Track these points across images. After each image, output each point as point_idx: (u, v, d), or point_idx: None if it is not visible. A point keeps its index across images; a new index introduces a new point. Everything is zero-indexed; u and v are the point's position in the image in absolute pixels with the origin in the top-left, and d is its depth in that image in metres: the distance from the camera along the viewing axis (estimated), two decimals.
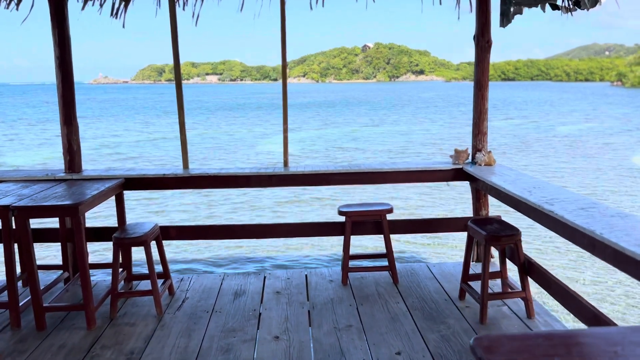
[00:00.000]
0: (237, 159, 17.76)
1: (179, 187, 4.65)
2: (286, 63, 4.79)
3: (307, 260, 6.99)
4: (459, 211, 9.42)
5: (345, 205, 4.51)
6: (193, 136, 25.42)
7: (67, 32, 4.45)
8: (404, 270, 4.76)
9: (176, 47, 4.67)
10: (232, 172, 4.62)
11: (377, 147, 20.61)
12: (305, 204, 10.42)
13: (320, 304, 4.07)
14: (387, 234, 4.43)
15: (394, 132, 26.60)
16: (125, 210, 4.56)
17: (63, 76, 4.47)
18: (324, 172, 4.66)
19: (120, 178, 4.50)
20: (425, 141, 22.20)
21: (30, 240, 3.65)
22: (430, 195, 10.96)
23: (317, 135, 25.33)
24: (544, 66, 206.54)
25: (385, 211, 4.39)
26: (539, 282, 3.68)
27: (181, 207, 10.35)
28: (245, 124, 33.12)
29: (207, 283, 4.59)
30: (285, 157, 4.89)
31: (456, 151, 4.79)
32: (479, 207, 4.83)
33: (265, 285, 4.51)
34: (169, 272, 4.34)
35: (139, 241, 3.92)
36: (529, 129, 26.34)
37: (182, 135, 4.84)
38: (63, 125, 4.57)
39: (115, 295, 3.95)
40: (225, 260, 7.07)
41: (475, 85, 4.77)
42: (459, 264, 4.91)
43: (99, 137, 25.79)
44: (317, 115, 40.29)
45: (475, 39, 4.70)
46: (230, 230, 4.81)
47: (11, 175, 4.55)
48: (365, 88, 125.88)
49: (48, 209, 3.59)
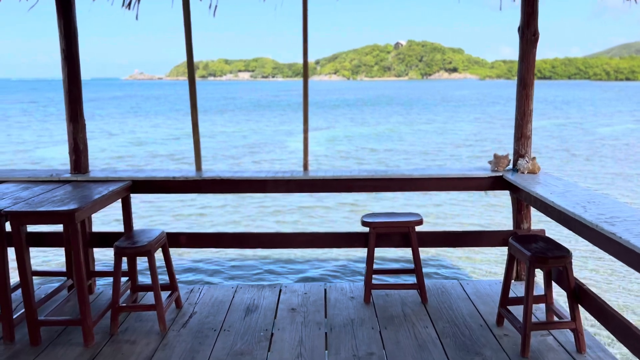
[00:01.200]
0: (264, 158, 17.43)
1: (189, 191, 4.30)
2: (307, 59, 4.39)
3: (327, 271, 6.54)
4: (498, 223, 8.74)
5: (369, 215, 4.08)
6: (218, 134, 25.31)
7: (74, 23, 4.15)
8: (434, 288, 4.30)
9: (189, 42, 4.32)
10: (246, 176, 4.24)
11: (410, 148, 19.82)
12: (327, 210, 9.87)
13: (339, 326, 3.66)
14: (416, 247, 3.98)
15: (428, 131, 25.79)
16: (132, 215, 4.24)
17: (69, 70, 4.17)
18: (346, 178, 4.23)
19: (127, 180, 4.18)
20: (461, 142, 21.18)
21: (23, 247, 3.35)
22: (466, 204, 10.17)
23: (346, 135, 24.79)
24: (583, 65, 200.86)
25: (414, 223, 3.94)
26: (592, 313, 3.17)
27: (196, 209, 9.95)
28: (273, 122, 32.85)
29: (218, 295, 4.23)
30: (305, 159, 4.49)
31: (495, 157, 4.30)
32: (520, 219, 4.33)
33: (280, 300, 4.12)
34: (176, 283, 4.00)
35: (142, 251, 3.58)
36: (570, 131, 25.23)
37: (195, 134, 4.50)
38: (69, 122, 4.27)
39: (116, 309, 3.62)
40: (240, 268, 6.69)
41: (518, 83, 4.27)
42: (496, 282, 4.42)
43: (127, 133, 25.92)
44: (347, 114, 39.71)
45: (519, 31, 4.20)
46: (244, 239, 4.44)
47: (15, 175, 4.28)
48: (397, 85, 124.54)
49: (42, 214, 3.29)
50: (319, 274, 6.43)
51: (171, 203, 10.31)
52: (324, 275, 6.34)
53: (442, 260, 6.66)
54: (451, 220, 9.09)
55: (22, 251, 3.36)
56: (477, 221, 8.97)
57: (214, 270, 6.57)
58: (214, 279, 6.36)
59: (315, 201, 10.34)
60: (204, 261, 6.90)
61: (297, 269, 6.56)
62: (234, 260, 6.90)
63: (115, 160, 17.15)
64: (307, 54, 4.38)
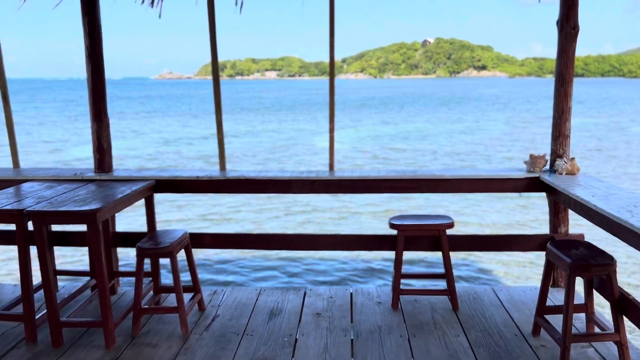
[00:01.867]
0: (289, 158, 17.34)
1: (213, 190, 4.22)
2: (334, 55, 4.25)
3: (352, 273, 6.37)
4: (533, 226, 8.40)
5: (398, 217, 3.92)
6: (244, 133, 25.39)
7: (98, 21, 4.10)
8: (465, 294, 4.11)
9: (214, 41, 4.23)
10: (271, 175, 4.13)
11: (438, 148, 19.33)
12: (352, 211, 9.67)
13: (366, 333, 3.51)
14: (447, 252, 3.81)
15: (456, 131, 25.25)
16: (155, 215, 4.17)
17: (93, 68, 4.13)
18: (374, 178, 4.08)
19: (150, 180, 4.12)
20: (492, 142, 20.59)
21: (45, 247, 3.31)
22: (499, 206, 9.80)
23: (372, 134, 24.52)
24: (617, 62, 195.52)
25: (445, 226, 3.77)
26: (638, 325, 2.96)
27: (220, 208, 9.89)
28: (298, 121, 32.78)
29: (241, 298, 4.14)
30: (331, 159, 4.36)
31: (532, 157, 4.09)
32: (558, 223, 4.11)
33: (305, 304, 4.00)
34: (199, 285, 3.92)
35: (164, 252, 3.51)
36: (605, 130, 24.44)
37: (219, 134, 4.41)
38: (93, 121, 4.23)
39: (138, 311, 3.56)
40: (264, 268, 6.58)
41: (557, 80, 4.05)
42: (530, 288, 4.21)
43: (155, 132, 26.21)
44: (373, 112, 39.37)
45: (558, 25, 3.98)
46: (268, 240, 4.33)
47: (39, 173, 4.27)
48: (424, 84, 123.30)
49: (63, 214, 3.23)
50: (343, 274, 6.29)
51: (195, 201, 10.30)
52: (349, 277, 6.19)
53: (471, 264, 6.43)
54: (482, 221, 8.79)
55: (44, 251, 3.32)
56: (508, 223, 8.66)
57: (237, 271, 6.49)
58: (237, 278, 6.29)
59: (340, 201, 10.18)
60: (228, 261, 6.83)
61: (321, 270, 6.43)
62: (257, 260, 6.82)
63: (142, 160, 17.32)
64: (334, 51, 4.24)
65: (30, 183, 4.05)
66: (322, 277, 6.29)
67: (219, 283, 6.14)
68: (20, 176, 4.20)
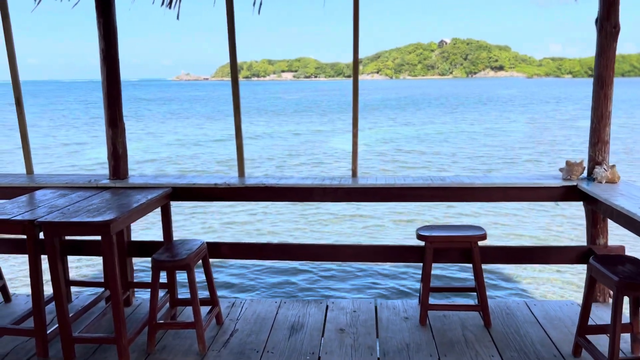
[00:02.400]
0: (307, 161, 17.15)
1: (231, 198, 4.04)
2: (358, 57, 4.05)
3: (376, 283, 6.14)
4: (568, 236, 8.02)
5: (426, 228, 3.71)
6: (262, 135, 25.29)
7: (113, 22, 3.96)
8: (497, 309, 3.88)
9: (233, 42, 4.07)
10: (291, 183, 3.95)
11: (458, 150, 18.78)
12: (374, 216, 9.37)
13: (393, 351, 3.31)
14: (479, 265, 3.59)
15: (476, 133, 24.71)
16: (171, 223, 4.02)
17: (108, 71, 3.99)
18: (400, 186, 3.87)
19: (166, 187, 3.96)
20: (514, 145, 19.94)
21: (57, 259, 3.16)
22: (532, 215, 9.29)
23: (389, 136, 24.21)
24: (638, 62, 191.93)
25: (477, 238, 3.55)
26: None
27: (238, 215, 9.70)
28: (315, 123, 32.61)
29: (260, 311, 3.96)
30: (354, 165, 4.16)
31: (568, 164, 3.85)
32: (596, 234, 3.86)
33: (327, 318, 3.80)
34: (216, 297, 3.75)
35: (180, 265, 3.34)
36: (630, 131, 23.82)
37: (237, 138, 4.23)
38: (108, 126, 4.09)
39: (154, 326, 3.40)
40: (283, 277, 6.39)
41: (595, 82, 3.80)
42: (567, 303, 3.97)
43: (171, 134, 26.23)
44: (390, 113, 39.03)
45: (597, 24, 3.73)
46: (289, 250, 4.15)
47: (53, 180, 4.14)
48: (441, 84, 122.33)
49: (76, 225, 3.08)
50: (367, 283, 6.07)
51: (211, 205, 10.16)
52: (373, 287, 5.97)
53: (499, 275, 6.15)
54: (514, 231, 8.35)
55: (56, 263, 3.17)
56: (540, 232, 8.21)
57: (256, 280, 6.30)
58: (255, 283, 6.11)
59: (360, 208, 9.90)
60: (246, 270, 6.65)
61: (343, 279, 6.21)
62: (277, 269, 6.63)
63: (161, 163, 17.28)
64: (358, 52, 4.05)
65: (43, 191, 3.92)
66: (345, 285, 6.09)
67: (235, 288, 5.97)
68: (34, 183, 4.08)
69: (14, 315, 3.90)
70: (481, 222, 8.98)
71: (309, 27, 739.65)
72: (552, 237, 8.04)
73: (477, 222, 8.97)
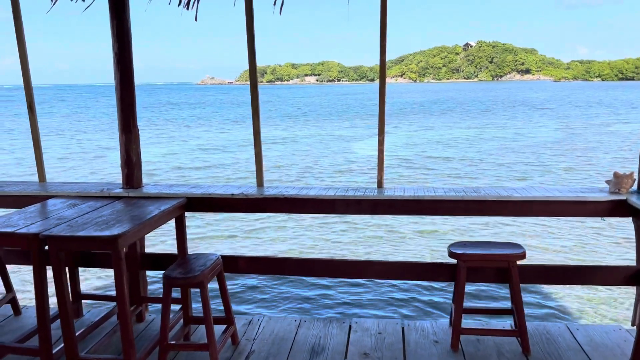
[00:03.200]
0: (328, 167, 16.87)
1: (248, 210, 3.81)
2: (385, 58, 3.78)
3: (403, 301, 5.80)
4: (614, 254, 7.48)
5: (458, 244, 3.41)
6: (282, 140, 25.15)
7: (127, 24, 3.77)
8: (535, 333, 3.56)
9: (252, 44, 3.84)
10: (312, 194, 3.69)
11: (485, 156, 18.04)
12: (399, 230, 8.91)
13: None
14: (517, 286, 3.27)
15: (506, 137, 23.91)
16: (186, 236, 3.80)
17: (121, 75, 3.80)
18: (430, 199, 3.58)
19: (181, 197, 3.75)
20: (545, 151, 19.11)
21: (62, 275, 2.97)
22: (575, 231, 8.59)
23: (414, 141, 23.76)
24: None
25: (516, 257, 3.24)
26: None
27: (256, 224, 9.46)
28: (337, 127, 32.34)
29: (278, 330, 3.71)
30: (380, 175, 3.89)
31: (616, 176, 3.50)
32: None
33: (350, 340, 3.53)
34: (232, 316, 3.51)
35: (193, 283, 3.11)
36: None
37: (256, 146, 4.00)
38: (121, 132, 3.90)
39: (165, 347, 3.18)
40: (303, 293, 6.10)
41: None
42: (613, 328, 3.62)
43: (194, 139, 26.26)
44: (415, 117, 38.51)
45: None
46: (310, 265, 3.89)
47: (65, 189, 3.97)
48: (467, 87, 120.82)
49: (81, 240, 2.88)
50: (392, 298, 5.77)
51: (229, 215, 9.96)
52: (399, 303, 5.66)
53: (536, 293, 5.77)
54: (553, 247, 7.79)
55: (61, 278, 2.98)
56: (582, 250, 7.57)
57: (274, 295, 6.04)
58: (273, 292, 5.86)
59: (383, 218, 9.45)
60: (264, 284, 6.39)
61: (367, 296, 5.90)
62: (297, 283, 6.35)
63: (180, 170, 17.22)
64: (385, 54, 3.78)
65: (54, 200, 3.75)
66: (368, 298, 5.79)
67: (251, 302, 5.73)
68: (45, 192, 3.91)
69: (22, 330, 3.73)
70: (508, 232, 8.59)
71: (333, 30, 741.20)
72: (597, 255, 7.48)
73: (504, 232, 8.58)
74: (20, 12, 3.95)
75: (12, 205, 3.95)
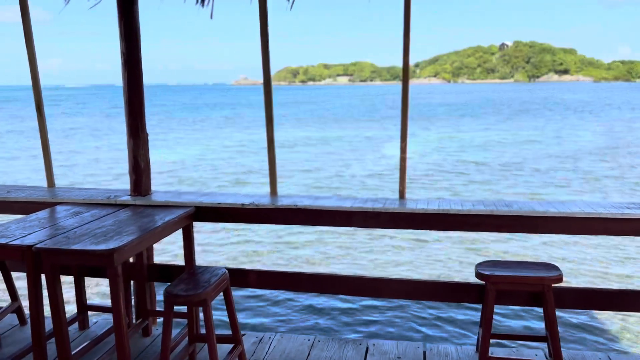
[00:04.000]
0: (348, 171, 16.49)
1: (259, 221, 3.57)
2: (408, 60, 3.49)
3: (425, 320, 5.43)
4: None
5: (487, 264, 3.09)
6: (300, 142, 24.94)
7: (136, 23, 3.59)
8: None
9: (266, 41, 3.61)
10: (328, 205, 3.43)
11: (523, 162, 16.94)
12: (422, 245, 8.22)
13: None
14: (553, 311, 2.93)
15: (545, 141, 22.75)
16: (194, 247, 3.59)
17: (129, 76, 3.62)
18: (457, 213, 3.27)
19: (189, 206, 3.54)
20: (586, 156, 17.97)
21: (56, 289, 2.79)
22: (617, 251, 7.76)
23: (446, 144, 23.08)
24: None
25: (552, 280, 2.90)
26: None
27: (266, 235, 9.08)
28: (361, 128, 31.93)
29: (290, 351, 3.46)
30: (402, 185, 3.60)
31: None
32: None
33: None
34: (239, 335, 3.27)
35: (195, 301, 2.88)
36: None
37: (270, 152, 3.77)
38: (129, 137, 3.72)
39: None
40: (318, 310, 5.77)
41: None
42: None
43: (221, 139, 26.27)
44: (448, 118, 37.70)
45: None
46: (325, 282, 3.63)
47: (72, 195, 3.82)
48: (502, 88, 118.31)
49: (75, 254, 2.69)
50: (413, 318, 5.43)
51: None
52: (420, 324, 5.30)
53: (574, 317, 5.31)
54: (591, 268, 6.97)
55: (56, 294, 2.80)
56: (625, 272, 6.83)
57: (286, 311, 5.75)
58: (285, 309, 5.59)
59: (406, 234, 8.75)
60: (276, 297, 6.09)
61: (386, 316, 5.56)
62: (310, 298, 6.04)
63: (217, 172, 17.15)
64: (409, 56, 3.48)
65: (58, 207, 3.59)
66: (387, 316, 5.47)
67: (262, 315, 5.47)
68: (51, 198, 3.77)
69: (27, 342, 3.59)
70: (539, 242, 8.10)
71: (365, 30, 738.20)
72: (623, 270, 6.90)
73: (530, 245, 8.05)
74: (28, 9, 3.82)
75: (19, 212, 3.83)
